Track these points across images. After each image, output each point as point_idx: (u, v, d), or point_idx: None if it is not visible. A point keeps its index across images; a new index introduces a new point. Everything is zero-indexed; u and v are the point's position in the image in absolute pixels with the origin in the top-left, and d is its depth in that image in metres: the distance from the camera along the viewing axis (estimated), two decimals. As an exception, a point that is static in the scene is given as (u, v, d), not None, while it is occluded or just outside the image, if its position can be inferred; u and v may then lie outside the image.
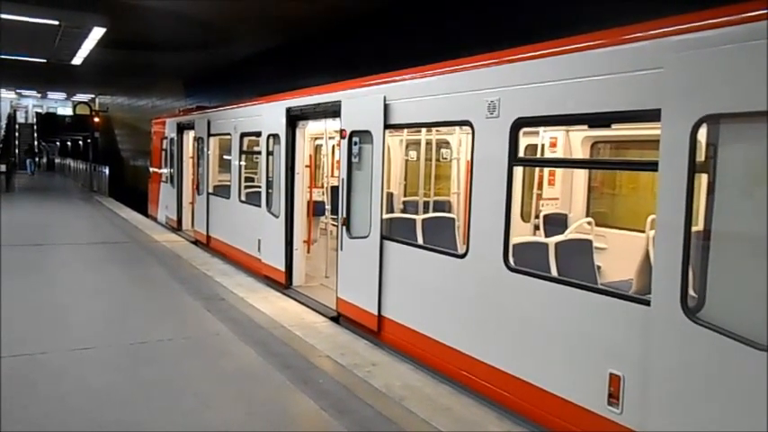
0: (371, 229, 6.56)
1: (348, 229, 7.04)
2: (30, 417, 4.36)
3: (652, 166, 3.74)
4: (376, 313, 6.43)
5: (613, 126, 5.96)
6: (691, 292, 3.48)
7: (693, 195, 3.44)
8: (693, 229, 3.45)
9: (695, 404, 3.39)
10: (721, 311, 3.33)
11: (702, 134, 3.43)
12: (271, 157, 9.38)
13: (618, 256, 6.25)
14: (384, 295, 6.40)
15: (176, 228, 14.52)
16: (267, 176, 9.53)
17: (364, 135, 6.79)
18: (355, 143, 6.96)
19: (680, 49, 3.53)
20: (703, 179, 3.50)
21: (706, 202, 3.47)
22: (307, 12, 12.49)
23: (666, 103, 3.55)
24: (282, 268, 8.77)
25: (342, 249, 7.14)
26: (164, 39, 17.29)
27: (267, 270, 9.23)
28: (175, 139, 14.63)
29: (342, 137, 7.19)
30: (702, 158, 3.46)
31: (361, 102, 6.93)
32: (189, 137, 14.08)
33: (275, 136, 9.14)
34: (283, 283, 8.73)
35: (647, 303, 3.78)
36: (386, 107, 6.37)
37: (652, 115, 3.66)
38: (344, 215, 7.08)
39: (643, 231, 5.52)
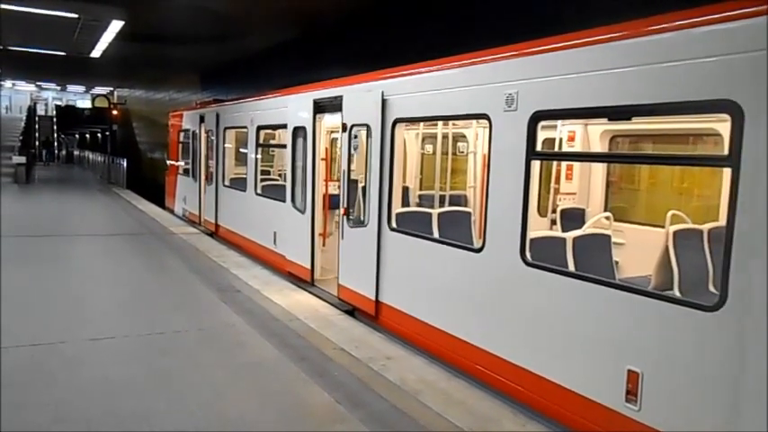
0: (369, 219, 6.86)
1: (348, 219, 7.32)
2: (48, 405, 4.42)
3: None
4: (373, 299, 6.49)
5: (633, 119, 5.87)
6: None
7: None
8: None
9: None
10: None
11: None
12: (294, 151, 9.10)
13: (636, 251, 6.17)
14: (388, 286, 6.49)
15: (197, 222, 14.40)
16: (293, 171, 9.21)
17: (362, 128, 7.03)
18: (355, 136, 7.32)
19: None
20: None
21: None
22: (323, 3, 12.45)
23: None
24: (308, 265, 8.56)
25: (343, 238, 7.42)
26: (181, 31, 17.37)
27: (291, 266, 9.03)
28: (197, 131, 14.58)
29: (342, 130, 7.48)
30: None
31: (361, 96, 6.97)
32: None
33: (301, 129, 8.84)
34: (308, 280, 8.51)
35: (666, 299, 3.73)
36: (399, 100, 6.37)
37: (677, 108, 3.60)
38: (345, 205, 7.40)
39: (662, 227, 5.45)
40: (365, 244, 6.92)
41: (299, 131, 9.00)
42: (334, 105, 8.06)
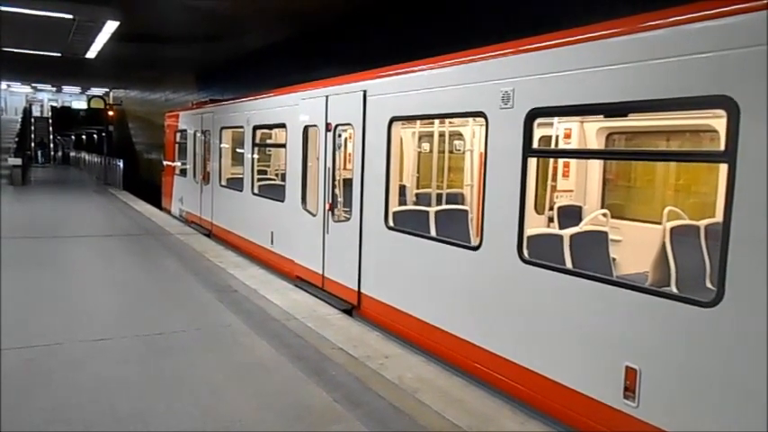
0: (352, 214, 7.19)
1: (333, 213, 7.69)
2: (46, 406, 4.40)
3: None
4: (356, 290, 6.41)
5: (629, 116, 5.89)
6: None
7: None
8: None
9: None
10: None
11: None
12: (304, 151, 8.71)
13: (633, 248, 6.18)
14: (387, 284, 6.53)
15: (196, 222, 14.27)
16: (303, 172, 8.77)
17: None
18: (339, 134, 7.82)
19: None
20: None
21: None
22: (318, 3, 12.42)
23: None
24: (320, 271, 8.11)
25: (328, 233, 7.81)
26: (176, 32, 17.33)
27: (300, 271, 8.65)
28: (193, 132, 14.43)
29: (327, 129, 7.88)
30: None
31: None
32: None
33: (311, 128, 8.43)
34: (320, 286, 8.07)
35: (664, 296, 3.73)
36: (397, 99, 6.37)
37: (672, 104, 3.60)
38: (330, 200, 7.80)
39: (659, 223, 5.46)
40: (348, 241, 7.28)
41: (309, 131, 8.54)
42: None
